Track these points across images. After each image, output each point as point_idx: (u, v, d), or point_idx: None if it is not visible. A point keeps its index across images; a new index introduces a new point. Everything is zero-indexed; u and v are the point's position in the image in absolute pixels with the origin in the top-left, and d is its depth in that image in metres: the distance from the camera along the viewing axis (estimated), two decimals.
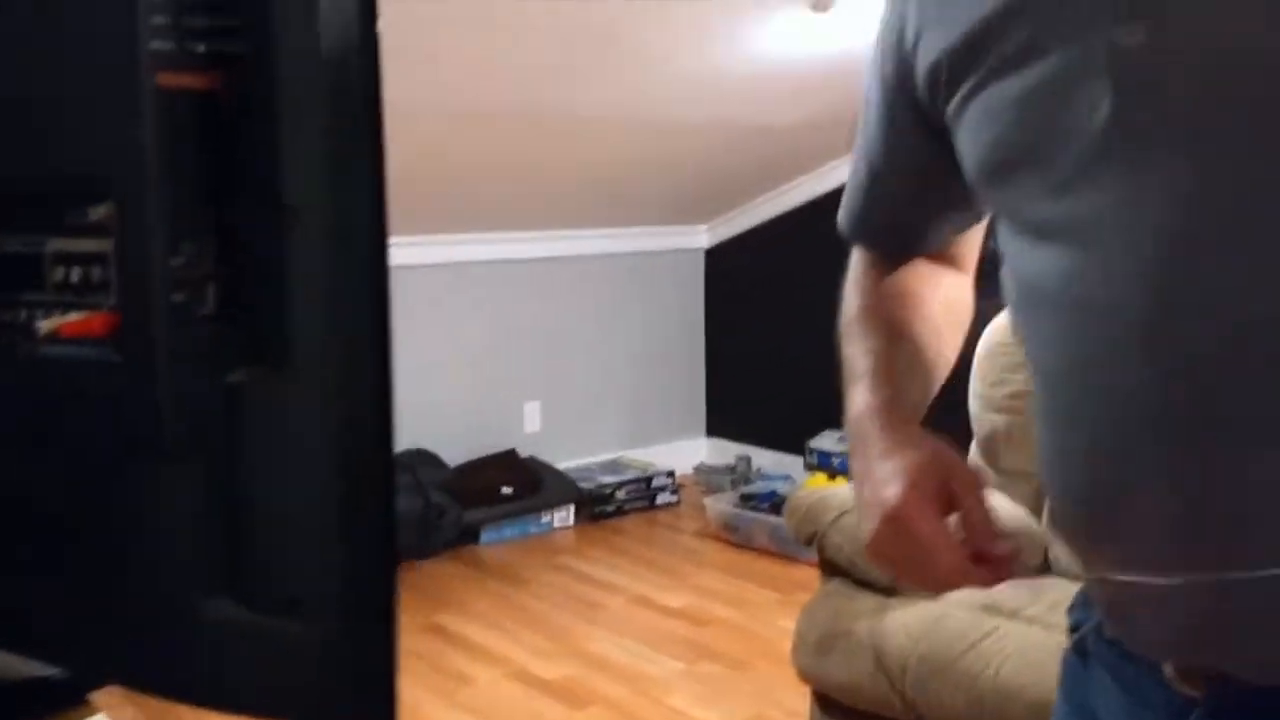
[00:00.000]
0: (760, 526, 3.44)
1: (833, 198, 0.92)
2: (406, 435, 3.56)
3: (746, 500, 3.67)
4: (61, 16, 0.42)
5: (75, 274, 0.44)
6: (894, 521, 0.65)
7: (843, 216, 0.88)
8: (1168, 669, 0.66)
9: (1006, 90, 0.64)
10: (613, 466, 4.03)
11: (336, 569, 0.44)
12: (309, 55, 0.40)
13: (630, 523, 3.77)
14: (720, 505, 3.63)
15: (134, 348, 0.42)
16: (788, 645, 2.05)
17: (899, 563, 0.68)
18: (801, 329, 4.23)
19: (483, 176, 3.36)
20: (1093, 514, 0.65)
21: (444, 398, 3.74)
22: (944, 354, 0.81)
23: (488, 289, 3.86)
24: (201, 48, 0.40)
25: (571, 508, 3.75)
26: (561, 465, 3.89)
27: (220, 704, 0.47)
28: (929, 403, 0.78)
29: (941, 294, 0.84)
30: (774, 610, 2.91)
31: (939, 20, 0.69)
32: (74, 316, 0.42)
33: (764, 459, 4.14)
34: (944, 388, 0.83)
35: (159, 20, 0.39)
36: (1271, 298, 0.56)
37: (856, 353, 0.78)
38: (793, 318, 4.07)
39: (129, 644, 0.48)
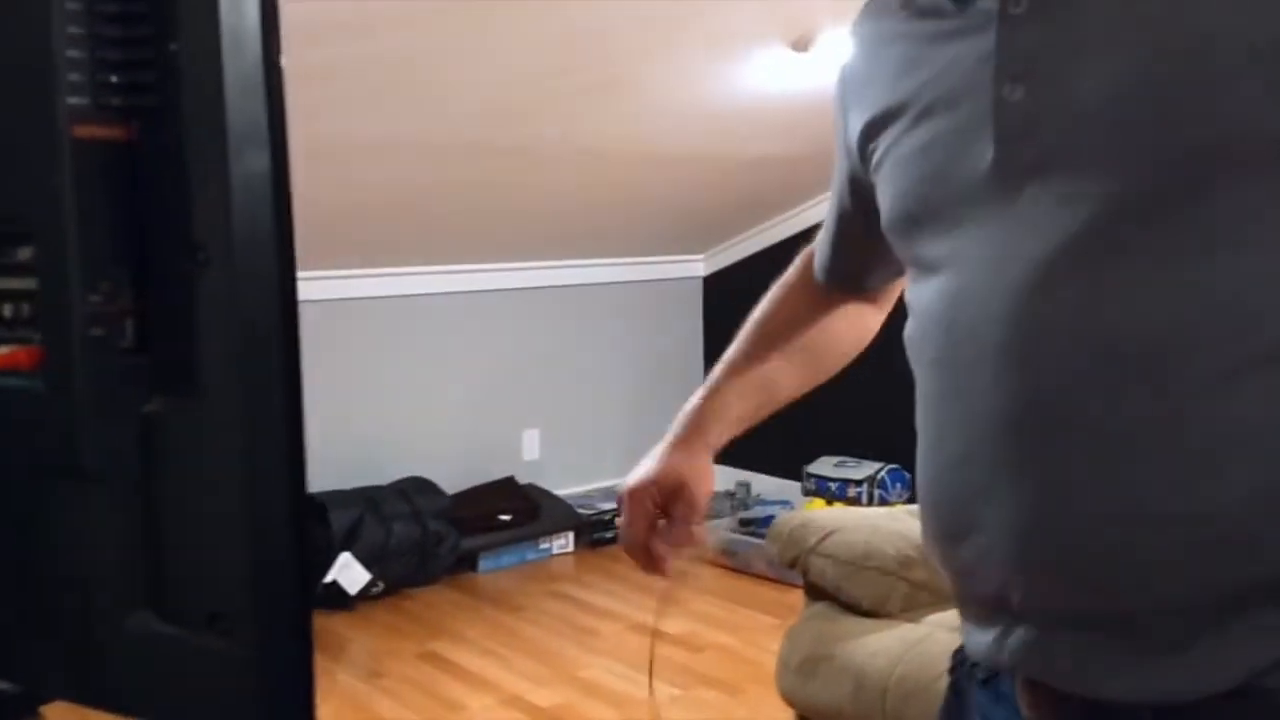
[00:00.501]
0: (758, 552, 3.45)
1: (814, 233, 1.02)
2: (404, 463, 3.59)
3: (745, 525, 3.68)
4: None
5: (6, 310, 0.47)
6: (620, 499, 0.98)
7: (815, 260, 1.01)
8: (1019, 691, 0.70)
9: (911, 145, 0.73)
10: (612, 493, 4.04)
11: (250, 586, 0.47)
12: (215, 107, 0.43)
13: None
14: (718, 531, 3.65)
15: (56, 379, 0.45)
16: None
17: (620, 528, 0.99)
18: None
19: (481, 207, 3.40)
20: (949, 526, 0.70)
21: (442, 426, 3.77)
22: (804, 383, 1.03)
23: (487, 318, 3.90)
24: (115, 101, 0.43)
25: (570, 534, 3.77)
26: (560, 492, 3.91)
27: (148, 714, 0.50)
28: (759, 418, 1.03)
29: (845, 326, 1.00)
30: (769, 635, 2.92)
31: (859, 101, 0.80)
32: (1, 350, 0.45)
33: (763, 485, 4.15)
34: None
35: (75, 78, 0.43)
36: (1111, 323, 0.61)
37: (726, 353, 1.01)
38: None
39: (63, 658, 0.51)
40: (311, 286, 3.16)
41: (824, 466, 3.73)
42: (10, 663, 0.54)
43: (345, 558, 3.12)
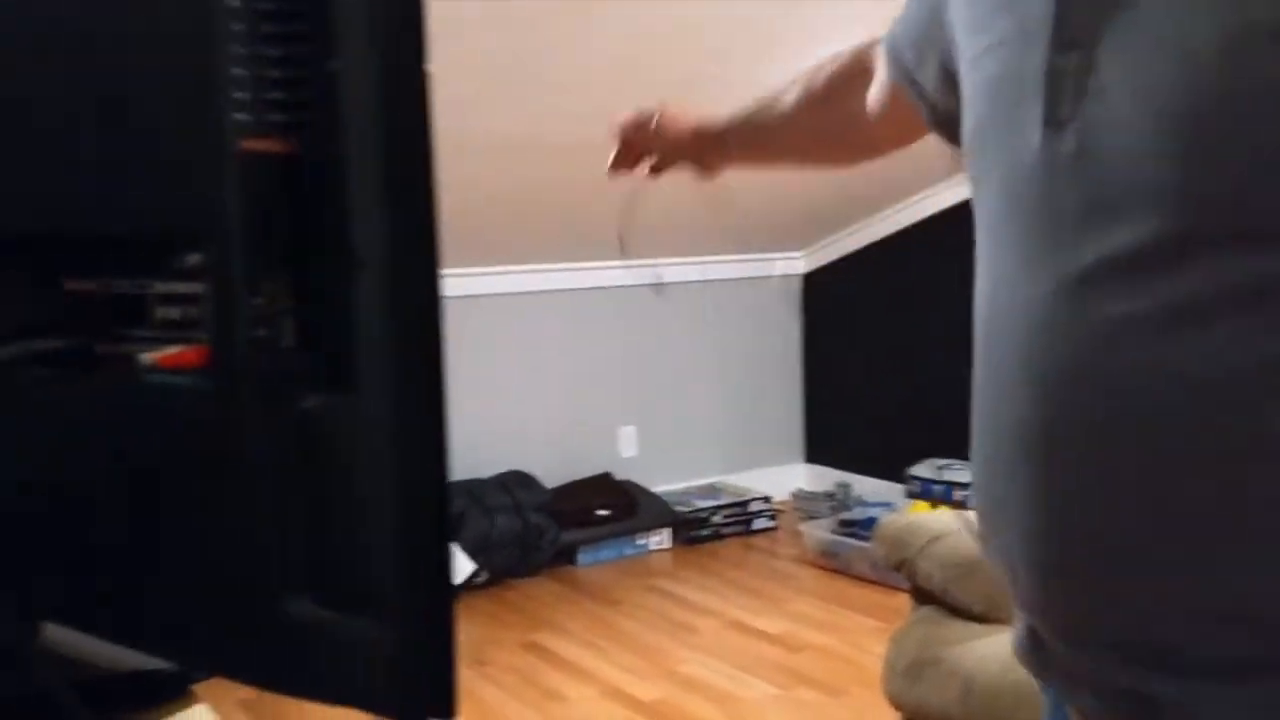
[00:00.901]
0: (859, 554, 3.41)
1: (928, 225, 1.00)
2: (504, 458, 3.66)
3: (845, 527, 3.65)
4: (159, 93, 0.49)
5: (175, 312, 0.51)
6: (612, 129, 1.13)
7: (890, 29, 0.91)
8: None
9: (982, 75, 0.67)
10: (709, 491, 4.05)
11: (399, 573, 0.49)
12: (370, 119, 0.45)
13: (726, 547, 3.78)
14: (818, 532, 3.62)
15: (222, 376, 0.48)
16: None
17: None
18: (902, 354, 4.21)
19: (585, 206, 3.44)
20: (981, 526, 0.69)
21: (542, 422, 3.83)
22: (802, 142, 1.12)
23: (586, 315, 3.94)
24: (278, 117, 0.46)
25: (668, 531, 3.79)
26: (656, 489, 3.93)
27: (302, 693, 0.53)
28: (756, 147, 1.16)
29: (860, 121, 0.98)
30: (872, 638, 2.89)
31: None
32: (171, 350, 0.49)
33: (864, 486, 4.11)
34: None
35: (241, 95, 0.46)
36: (1122, 367, 0.57)
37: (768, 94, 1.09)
38: (892, 343, 4.05)
39: (224, 638, 0.54)
40: None
41: (928, 469, 3.67)
42: (169, 642, 0.58)
43: (451, 548, 3.20)
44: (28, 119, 0.54)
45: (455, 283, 3.59)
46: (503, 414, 3.73)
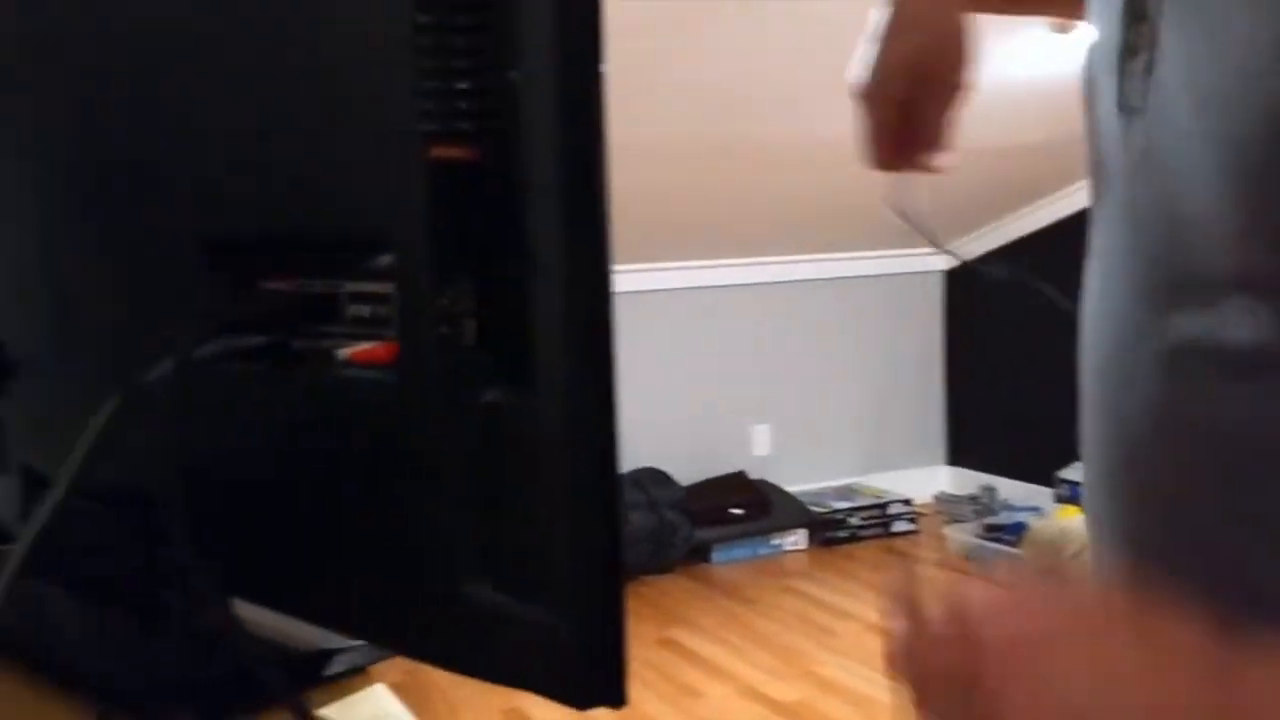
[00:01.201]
0: (1005, 559, 3.31)
1: (1080, 219, 0.93)
2: (638, 454, 3.70)
3: (991, 531, 3.54)
4: (355, 103, 0.52)
5: (365, 310, 0.54)
6: (857, 98, 0.74)
7: None
8: None
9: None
10: (845, 492, 4.00)
11: (572, 562, 0.51)
12: (550, 128, 0.47)
13: (864, 550, 3.73)
14: (963, 536, 3.53)
15: (410, 371, 0.51)
16: None
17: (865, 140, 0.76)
18: (1050, 353, 4.05)
19: (721, 205, 3.45)
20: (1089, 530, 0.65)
21: (675, 419, 3.86)
22: None
23: (721, 313, 3.94)
24: (464, 126, 0.49)
25: (803, 531, 3.76)
26: (791, 489, 3.91)
27: (478, 673, 0.56)
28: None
29: None
30: None
31: None
32: (363, 346, 0.52)
33: (1010, 490, 3.98)
34: None
35: (430, 105, 0.48)
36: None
37: None
38: (1040, 340, 3.91)
39: (407, 619, 0.57)
40: None
41: (1079, 472, 3.53)
42: (354, 621, 0.61)
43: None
44: (233, 131, 0.58)
45: None
46: (637, 410, 3.78)
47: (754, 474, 3.92)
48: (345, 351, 0.53)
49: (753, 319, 3.99)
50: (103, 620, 0.76)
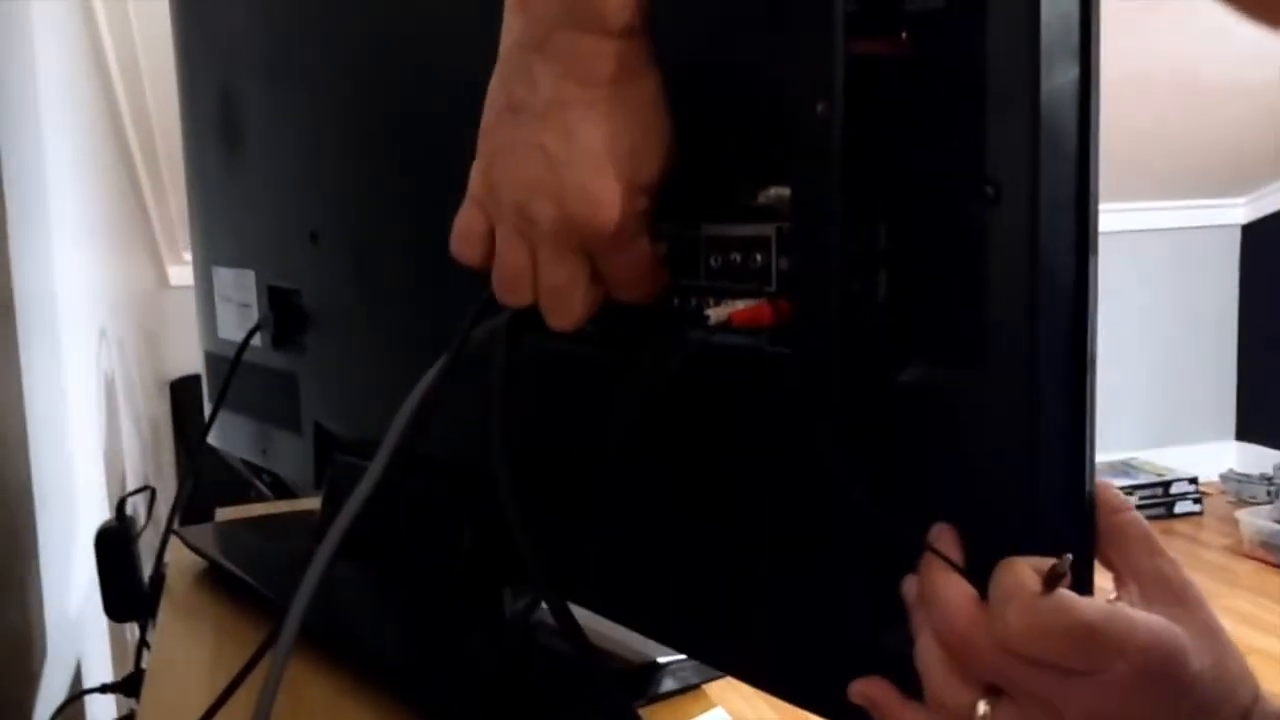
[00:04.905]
0: None
1: None
2: None
3: None
4: None
5: (734, 260, 0.43)
6: None
7: None
8: None
9: None
10: (1121, 468, 3.66)
11: None
12: (1021, 4, 0.34)
13: None
14: (1256, 520, 3.15)
15: (807, 339, 0.39)
16: None
17: None
18: None
19: None
20: None
21: None
22: None
23: None
24: (896, 8, 0.36)
25: None
26: None
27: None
28: None
29: None
30: None
31: None
32: (742, 305, 0.40)
33: None
34: None
35: None
36: None
37: None
38: None
39: (759, 642, 0.46)
40: None
41: None
42: (692, 636, 0.51)
43: None
44: None
45: None
46: None
47: None
48: (720, 312, 0.41)
49: None
50: (413, 610, 0.70)
